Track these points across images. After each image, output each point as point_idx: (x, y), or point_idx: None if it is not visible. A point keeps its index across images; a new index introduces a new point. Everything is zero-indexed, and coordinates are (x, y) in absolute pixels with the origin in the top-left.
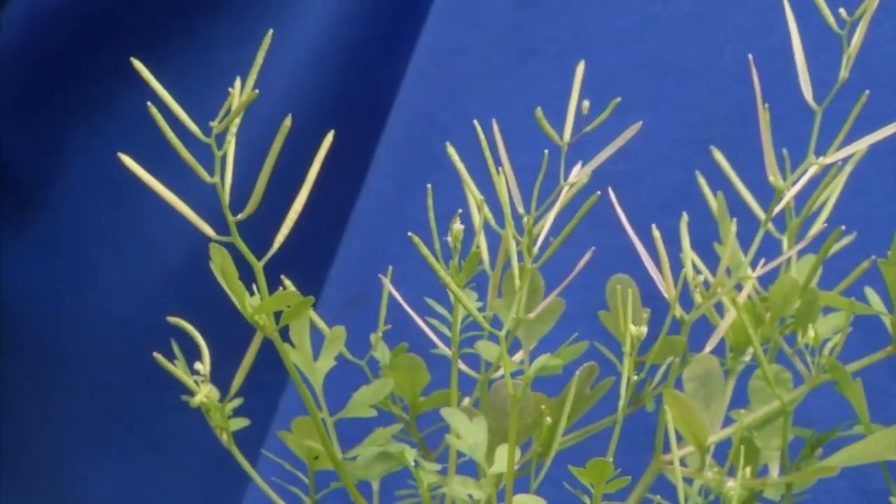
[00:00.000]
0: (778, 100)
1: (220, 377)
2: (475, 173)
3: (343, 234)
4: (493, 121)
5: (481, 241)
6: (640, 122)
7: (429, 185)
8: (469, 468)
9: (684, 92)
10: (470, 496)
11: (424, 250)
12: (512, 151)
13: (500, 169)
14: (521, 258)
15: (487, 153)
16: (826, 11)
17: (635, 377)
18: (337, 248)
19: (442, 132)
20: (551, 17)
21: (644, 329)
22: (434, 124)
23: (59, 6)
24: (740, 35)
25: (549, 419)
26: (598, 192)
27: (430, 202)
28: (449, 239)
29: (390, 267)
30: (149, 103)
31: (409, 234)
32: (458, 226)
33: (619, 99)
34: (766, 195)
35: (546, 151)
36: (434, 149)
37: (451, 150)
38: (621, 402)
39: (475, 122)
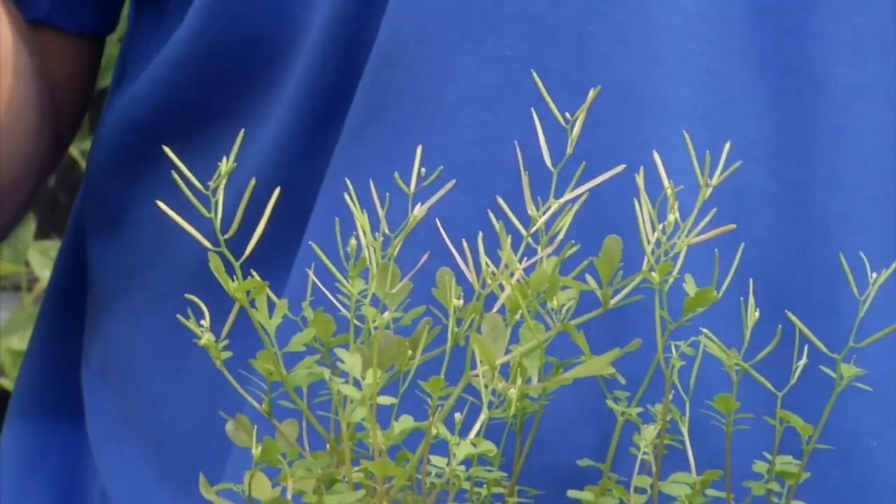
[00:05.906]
0: (541, 169)
1: (220, 328)
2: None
3: (299, 249)
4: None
5: (367, 249)
6: (454, 181)
7: (336, 219)
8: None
9: (481, 177)
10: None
11: (321, 256)
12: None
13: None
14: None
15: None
16: (559, 116)
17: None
18: (294, 259)
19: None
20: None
21: (460, 300)
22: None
23: (131, 117)
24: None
25: (410, 351)
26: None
27: (337, 229)
28: (348, 249)
29: (313, 264)
30: (174, 172)
31: (311, 243)
32: (353, 242)
33: (436, 173)
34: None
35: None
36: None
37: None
38: (449, 343)
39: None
